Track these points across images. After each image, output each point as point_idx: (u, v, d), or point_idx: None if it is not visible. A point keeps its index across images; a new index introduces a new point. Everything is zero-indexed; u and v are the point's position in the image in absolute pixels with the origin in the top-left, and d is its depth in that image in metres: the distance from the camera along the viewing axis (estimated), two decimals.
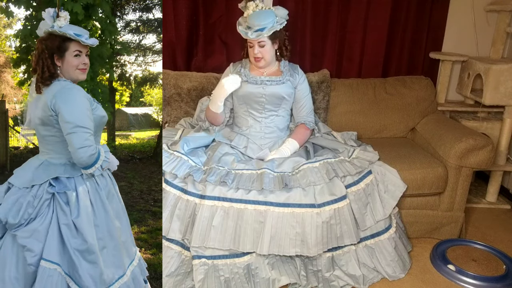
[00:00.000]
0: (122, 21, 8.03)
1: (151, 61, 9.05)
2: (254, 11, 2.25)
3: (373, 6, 3.00)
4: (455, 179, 2.46)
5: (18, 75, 8.22)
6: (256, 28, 2.20)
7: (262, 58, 2.28)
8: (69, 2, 3.66)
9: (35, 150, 6.84)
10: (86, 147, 1.55)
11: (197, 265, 1.95)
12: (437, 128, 2.69)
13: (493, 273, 2.23)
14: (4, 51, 9.56)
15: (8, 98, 9.64)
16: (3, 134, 5.50)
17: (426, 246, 2.51)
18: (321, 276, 2.06)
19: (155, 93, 13.15)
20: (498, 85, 2.81)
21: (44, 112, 1.59)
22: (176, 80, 2.76)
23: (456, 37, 3.21)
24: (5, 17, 4.48)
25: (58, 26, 1.64)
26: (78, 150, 1.53)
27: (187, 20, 2.92)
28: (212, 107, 2.35)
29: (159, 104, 13.06)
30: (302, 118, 2.45)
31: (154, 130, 13.19)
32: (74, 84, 1.66)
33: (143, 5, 7.87)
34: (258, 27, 2.19)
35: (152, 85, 10.08)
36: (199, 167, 2.08)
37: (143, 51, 8.73)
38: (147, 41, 11.98)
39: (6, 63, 9.12)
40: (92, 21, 4.08)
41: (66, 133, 1.56)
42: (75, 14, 3.65)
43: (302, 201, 1.97)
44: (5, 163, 5.43)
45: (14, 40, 5.55)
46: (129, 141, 10.05)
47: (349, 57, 3.11)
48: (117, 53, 6.09)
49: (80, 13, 3.66)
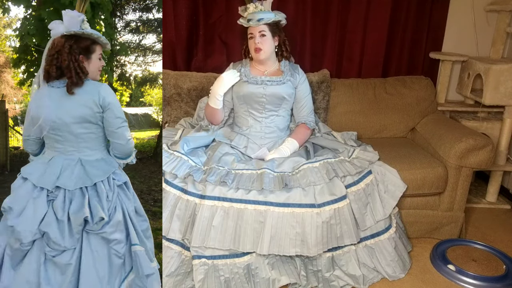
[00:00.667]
0: (122, 21, 8.03)
1: (151, 61, 9.05)
2: (254, 11, 2.29)
3: (373, 6, 3.00)
4: (455, 179, 2.46)
5: (18, 75, 8.22)
6: (257, 18, 2.26)
7: (262, 49, 2.30)
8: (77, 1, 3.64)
9: None
10: (131, 139, 1.72)
11: (197, 265, 1.95)
12: (437, 128, 2.69)
13: (493, 273, 2.23)
14: (4, 51, 9.56)
15: (8, 98, 9.65)
16: (3, 134, 5.50)
17: (426, 246, 2.51)
18: (321, 276, 2.06)
19: (155, 93, 13.14)
20: (498, 85, 2.81)
21: (90, 110, 1.63)
22: (176, 80, 2.76)
23: (456, 37, 3.21)
24: (2, 14, 4.45)
25: (86, 28, 1.68)
26: (128, 142, 1.71)
27: (187, 20, 2.92)
28: (211, 102, 2.36)
29: (159, 104, 13.05)
30: (303, 118, 2.45)
31: (154, 130, 13.18)
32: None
33: (143, 5, 7.87)
34: (259, 17, 2.27)
35: (152, 85, 10.08)
36: (199, 167, 2.08)
37: (143, 51, 8.73)
38: (147, 41, 11.97)
39: (6, 63, 9.12)
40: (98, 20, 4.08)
41: (116, 128, 1.68)
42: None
43: (302, 201, 1.97)
44: (5, 163, 5.42)
45: (14, 40, 5.55)
46: None
47: (349, 57, 3.11)
48: (117, 54, 6.09)
49: (88, 11, 3.64)
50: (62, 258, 1.58)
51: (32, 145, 1.77)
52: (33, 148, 1.79)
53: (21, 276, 1.59)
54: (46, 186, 1.62)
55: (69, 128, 1.65)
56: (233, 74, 2.34)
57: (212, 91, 2.36)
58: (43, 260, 1.58)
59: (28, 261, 1.60)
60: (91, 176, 1.65)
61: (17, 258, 1.61)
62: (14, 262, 1.61)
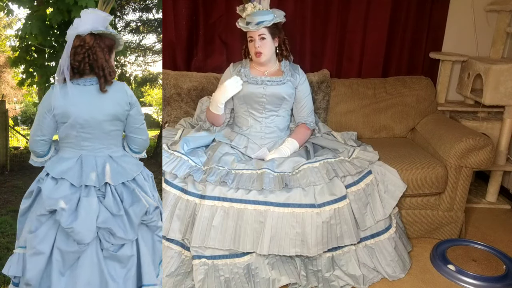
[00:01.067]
0: (122, 21, 8.02)
1: (151, 61, 9.04)
2: (252, 12, 2.27)
3: (373, 6, 3.00)
4: (455, 179, 2.46)
5: (18, 75, 8.22)
6: (256, 21, 2.23)
7: (262, 53, 2.28)
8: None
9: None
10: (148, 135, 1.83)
11: (197, 265, 1.95)
12: (437, 128, 2.69)
13: (493, 273, 2.23)
14: (4, 51, 9.56)
15: (8, 98, 9.65)
16: (3, 134, 5.50)
17: (426, 246, 2.51)
18: (321, 276, 2.06)
19: (155, 93, 13.14)
20: (498, 85, 2.81)
21: (121, 108, 1.70)
22: (176, 80, 2.76)
23: (456, 37, 3.21)
24: (6, 16, 4.48)
25: (109, 28, 1.72)
26: (148, 137, 1.83)
27: (187, 20, 2.92)
28: (213, 109, 2.35)
29: (159, 104, 13.05)
30: (303, 118, 2.45)
31: (154, 130, 13.19)
32: None
33: (143, 5, 7.86)
34: (258, 20, 2.23)
35: (152, 85, 10.06)
36: (199, 167, 2.08)
37: (143, 51, 8.73)
38: (147, 41, 11.96)
39: (6, 63, 9.11)
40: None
41: (140, 124, 1.79)
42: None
43: (302, 201, 1.97)
44: (5, 163, 5.42)
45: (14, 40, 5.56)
46: None
47: (349, 57, 3.11)
48: (117, 54, 6.09)
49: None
50: (124, 251, 1.63)
51: (43, 146, 1.73)
52: (44, 149, 1.74)
53: (78, 279, 1.56)
54: (92, 183, 1.62)
55: (101, 126, 1.67)
56: (236, 82, 2.29)
57: (213, 98, 2.34)
58: (102, 258, 1.59)
59: (85, 262, 1.57)
60: (129, 171, 1.72)
61: (70, 262, 1.57)
62: (66, 267, 1.57)
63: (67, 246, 1.56)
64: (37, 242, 1.56)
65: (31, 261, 1.56)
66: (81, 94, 1.65)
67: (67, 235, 1.56)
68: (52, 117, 1.67)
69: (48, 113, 1.66)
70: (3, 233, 3.12)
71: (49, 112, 1.66)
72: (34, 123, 1.72)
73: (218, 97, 2.30)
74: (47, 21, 4.05)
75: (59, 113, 1.65)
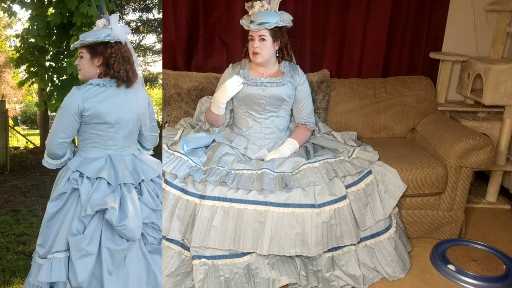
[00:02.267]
0: (122, 21, 8.02)
1: (151, 61, 9.05)
2: (259, 10, 2.26)
3: (373, 6, 3.00)
4: (455, 179, 2.46)
5: (18, 75, 8.22)
6: (259, 21, 2.21)
7: (260, 54, 2.26)
8: (84, 6, 3.69)
9: (35, 150, 6.85)
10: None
11: (197, 265, 1.95)
12: (437, 128, 2.69)
13: (493, 273, 2.23)
14: (4, 51, 9.57)
15: (8, 98, 9.65)
16: (3, 134, 5.50)
17: (426, 246, 2.51)
18: (321, 276, 2.06)
19: (155, 93, 13.13)
20: (498, 85, 2.81)
21: (143, 107, 1.78)
22: (176, 80, 2.76)
23: (456, 37, 3.21)
24: (7, 17, 4.55)
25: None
26: (158, 135, 1.90)
27: (187, 20, 2.92)
28: (214, 109, 2.34)
29: (159, 104, 13.04)
30: (303, 119, 2.45)
31: None
32: None
33: (143, 5, 7.87)
34: (261, 21, 2.21)
35: (152, 85, 10.07)
36: (199, 167, 2.08)
37: (143, 51, 8.73)
38: (147, 41, 11.97)
39: (6, 63, 9.12)
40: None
41: (154, 122, 1.88)
42: (90, 17, 3.71)
43: (302, 201, 1.97)
44: (5, 163, 5.42)
45: (14, 40, 5.56)
46: None
47: (349, 57, 3.11)
48: None
49: (95, 16, 3.69)
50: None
51: (65, 148, 1.70)
52: (64, 151, 1.71)
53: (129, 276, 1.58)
54: (130, 181, 1.68)
55: (127, 125, 1.73)
56: (237, 82, 2.27)
57: (214, 99, 2.34)
58: (147, 252, 1.64)
59: (132, 259, 1.61)
60: (155, 168, 1.80)
61: (119, 260, 1.59)
62: (115, 265, 1.58)
63: (115, 245, 1.57)
64: (86, 243, 1.55)
65: (80, 263, 1.53)
66: (108, 95, 1.69)
67: (112, 233, 1.58)
68: (79, 118, 1.65)
69: (75, 115, 1.63)
70: (3, 233, 3.12)
71: (76, 113, 1.63)
72: (55, 125, 1.67)
73: (219, 97, 2.30)
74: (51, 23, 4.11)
75: (89, 114, 1.64)
